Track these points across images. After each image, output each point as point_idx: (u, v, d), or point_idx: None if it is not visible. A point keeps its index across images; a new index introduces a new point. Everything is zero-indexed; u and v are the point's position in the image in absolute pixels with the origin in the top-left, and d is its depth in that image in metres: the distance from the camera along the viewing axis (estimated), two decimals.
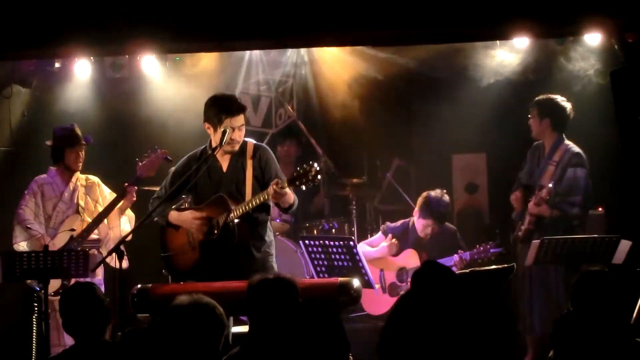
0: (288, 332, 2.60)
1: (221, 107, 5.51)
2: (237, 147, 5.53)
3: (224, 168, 5.58)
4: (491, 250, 6.49)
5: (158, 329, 3.44)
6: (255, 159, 5.54)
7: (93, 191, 6.70)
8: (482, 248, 6.50)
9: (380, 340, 2.20)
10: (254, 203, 5.34)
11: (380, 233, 7.22)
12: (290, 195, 5.35)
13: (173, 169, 5.77)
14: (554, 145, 6.75)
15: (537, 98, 6.83)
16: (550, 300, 6.59)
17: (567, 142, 6.75)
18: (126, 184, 6.52)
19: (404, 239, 6.98)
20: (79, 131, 6.66)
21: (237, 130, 5.49)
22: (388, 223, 7.18)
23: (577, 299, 4.11)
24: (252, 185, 5.48)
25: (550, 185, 6.47)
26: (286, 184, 5.20)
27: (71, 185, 6.63)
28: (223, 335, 3.43)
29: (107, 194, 6.73)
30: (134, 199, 6.54)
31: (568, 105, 6.76)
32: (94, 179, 6.77)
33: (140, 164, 6.54)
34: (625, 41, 6.50)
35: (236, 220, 5.38)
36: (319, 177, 5.20)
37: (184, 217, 5.57)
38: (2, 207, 7.19)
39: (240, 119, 5.50)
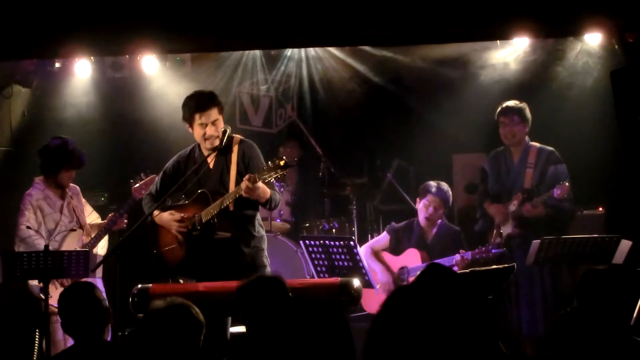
0: (283, 329, 2.60)
1: (192, 104, 5.59)
2: (216, 142, 5.55)
3: (210, 164, 5.62)
4: (492, 251, 6.48)
5: (137, 336, 3.45)
6: (239, 155, 5.58)
7: (79, 200, 6.67)
8: (483, 248, 6.50)
9: (370, 331, 2.20)
10: (230, 199, 5.38)
11: (384, 233, 7.21)
12: (265, 190, 5.37)
13: (164, 168, 5.81)
14: (525, 149, 6.79)
15: (506, 106, 6.81)
16: (534, 302, 6.61)
17: (533, 143, 6.81)
18: (112, 214, 6.55)
19: (408, 237, 6.98)
20: (76, 150, 6.53)
21: (211, 126, 5.52)
22: (393, 223, 7.17)
23: (581, 297, 4.10)
24: (236, 181, 5.51)
25: (567, 183, 6.47)
26: (257, 179, 5.22)
27: (66, 199, 6.57)
28: (202, 334, 3.44)
29: (85, 206, 6.74)
30: (124, 225, 6.56)
31: None
32: (75, 187, 6.71)
33: (135, 186, 6.54)
34: (626, 41, 6.51)
35: (216, 217, 5.43)
36: (287, 169, 5.21)
37: (164, 218, 5.63)
38: (2, 206, 7.19)
39: (212, 114, 5.54)
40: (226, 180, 5.55)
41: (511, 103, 6.84)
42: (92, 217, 6.77)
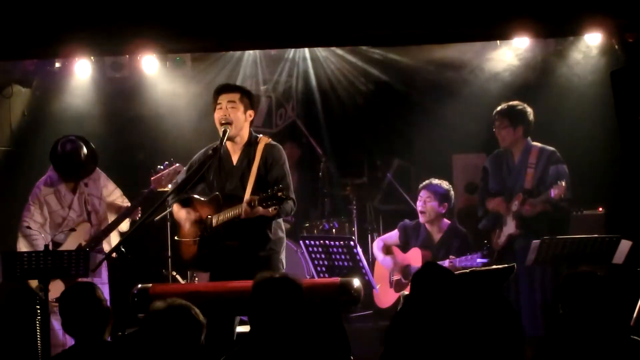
0: (290, 332, 2.60)
1: (214, 91, 5.67)
2: (234, 131, 5.53)
3: (234, 161, 5.63)
4: (477, 260, 6.48)
5: (137, 337, 3.45)
6: (262, 157, 5.56)
7: (95, 186, 6.61)
8: (470, 257, 6.51)
9: (386, 341, 2.21)
10: (230, 215, 5.39)
11: (396, 229, 7.23)
12: (265, 212, 5.35)
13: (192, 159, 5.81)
14: (525, 150, 6.82)
15: (500, 109, 6.86)
16: (535, 302, 6.62)
17: (535, 143, 6.82)
18: (133, 204, 6.51)
19: (415, 237, 7.00)
20: (83, 155, 6.43)
21: (225, 107, 5.52)
22: (406, 220, 7.17)
23: (564, 301, 4.10)
24: (254, 183, 5.51)
25: (563, 183, 6.48)
26: (257, 203, 5.22)
27: (79, 190, 6.54)
28: (202, 335, 3.44)
29: (107, 184, 6.67)
30: (137, 217, 6.52)
31: (530, 109, 6.85)
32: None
33: (154, 176, 6.50)
34: (626, 41, 6.51)
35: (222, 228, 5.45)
36: (282, 203, 5.25)
37: (181, 215, 5.65)
38: (2, 207, 7.19)
39: (228, 96, 5.56)
40: (246, 181, 5.54)
41: (504, 105, 6.87)
42: (115, 194, 6.69)
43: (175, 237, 5.75)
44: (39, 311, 6.23)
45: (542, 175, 6.70)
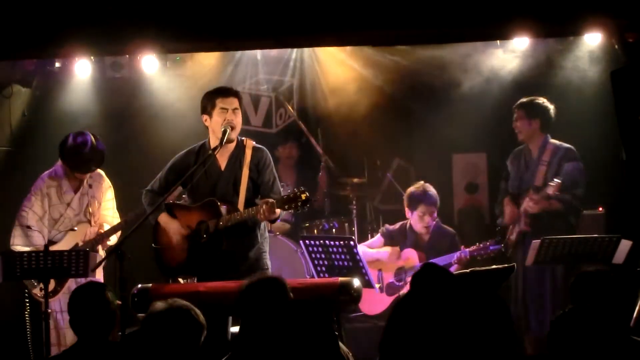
0: (280, 330, 2.60)
1: (214, 92, 5.66)
2: (233, 136, 5.53)
3: (222, 167, 5.61)
4: (490, 248, 6.52)
5: (137, 337, 3.45)
6: (253, 162, 5.56)
7: (98, 189, 6.59)
8: (481, 245, 6.54)
9: (382, 341, 2.20)
10: (243, 216, 5.38)
11: (378, 235, 7.23)
12: (277, 212, 5.38)
13: (170, 162, 5.79)
14: (542, 146, 6.83)
15: (520, 101, 6.90)
16: (544, 301, 6.62)
17: (553, 140, 6.81)
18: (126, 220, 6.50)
19: (403, 240, 7.00)
20: (91, 152, 6.42)
21: (231, 112, 5.54)
22: (387, 225, 7.20)
23: (575, 299, 4.12)
24: (247, 186, 5.51)
25: (558, 180, 6.49)
26: (276, 206, 5.22)
27: (81, 190, 6.53)
28: (202, 336, 3.44)
29: (108, 191, 6.66)
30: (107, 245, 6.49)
31: (552, 106, 6.85)
32: (99, 172, 6.63)
33: None
34: (626, 41, 6.51)
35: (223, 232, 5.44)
36: (308, 205, 5.24)
37: (171, 226, 5.60)
38: (2, 207, 7.18)
39: (233, 102, 5.57)
40: (238, 185, 5.53)
41: (525, 99, 6.91)
42: (108, 206, 6.65)
43: (154, 245, 5.67)
44: (27, 305, 6.24)
45: (556, 173, 6.68)
